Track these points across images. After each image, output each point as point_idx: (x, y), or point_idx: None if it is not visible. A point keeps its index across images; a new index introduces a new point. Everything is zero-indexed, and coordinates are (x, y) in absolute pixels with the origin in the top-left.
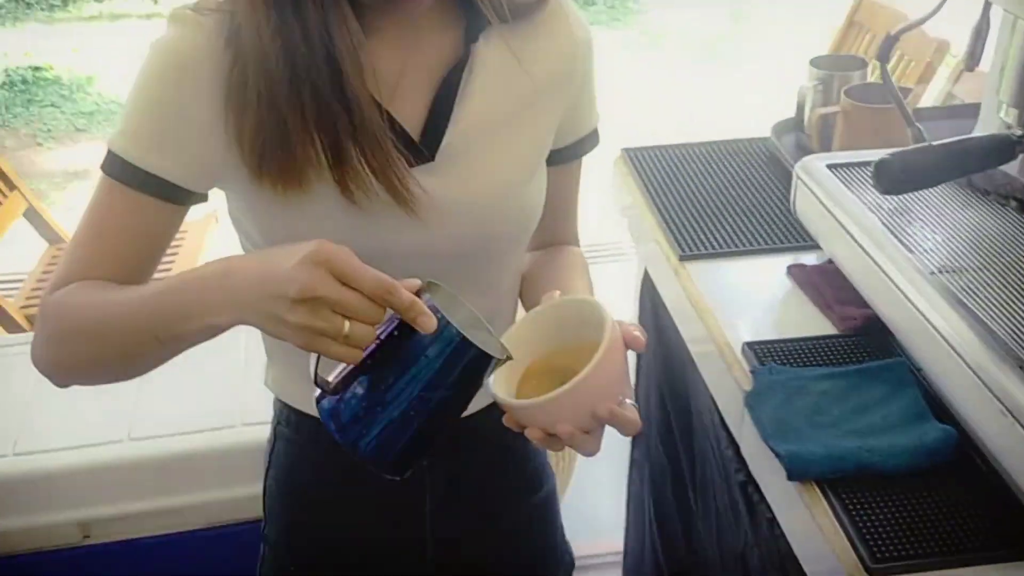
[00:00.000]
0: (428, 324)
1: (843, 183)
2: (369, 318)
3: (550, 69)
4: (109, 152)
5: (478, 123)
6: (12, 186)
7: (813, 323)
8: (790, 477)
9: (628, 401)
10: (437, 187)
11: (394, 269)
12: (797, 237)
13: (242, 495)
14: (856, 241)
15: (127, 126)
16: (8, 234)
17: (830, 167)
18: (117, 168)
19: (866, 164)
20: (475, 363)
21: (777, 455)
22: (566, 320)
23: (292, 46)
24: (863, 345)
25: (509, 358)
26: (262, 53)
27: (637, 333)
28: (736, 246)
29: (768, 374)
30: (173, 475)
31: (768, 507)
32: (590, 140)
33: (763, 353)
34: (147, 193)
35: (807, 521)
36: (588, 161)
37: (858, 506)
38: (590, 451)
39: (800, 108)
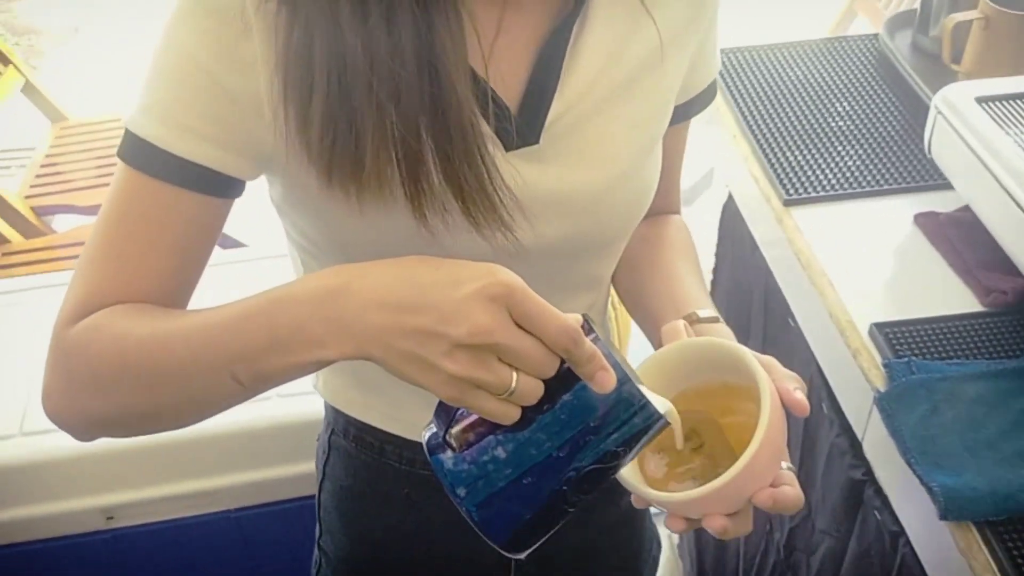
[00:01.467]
0: (608, 382)
1: (997, 122)
2: (543, 371)
3: (679, 14)
4: (129, 134)
5: (592, 91)
6: (6, 60)
7: (953, 294)
8: (944, 517)
9: (785, 466)
10: (540, 176)
11: None
12: (924, 172)
13: (271, 476)
14: (1013, 198)
15: (151, 99)
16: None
17: (980, 101)
18: (142, 155)
19: None
20: (645, 430)
21: (928, 489)
22: (696, 361)
23: (371, 22)
24: (1019, 328)
25: (667, 423)
26: (330, 20)
27: (800, 395)
28: (850, 186)
29: (908, 372)
30: (199, 456)
31: (892, 516)
32: (708, 94)
33: (895, 338)
34: (184, 186)
35: (961, 568)
36: None
37: None
38: (744, 533)
39: (925, 5)
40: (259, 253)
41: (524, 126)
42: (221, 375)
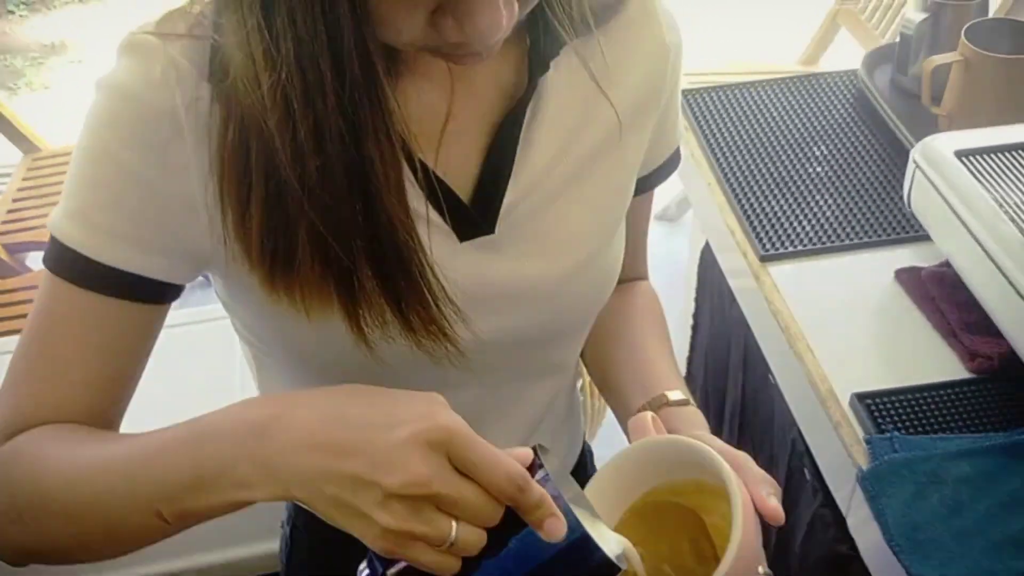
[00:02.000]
0: (557, 531)
1: (976, 176)
2: (485, 520)
3: (637, 90)
4: (54, 241)
5: (548, 177)
6: None
7: (937, 359)
8: None
9: (762, 572)
10: (496, 267)
11: (430, 373)
12: (904, 222)
13: (237, 556)
14: (991, 257)
15: (74, 204)
16: None
17: (959, 155)
18: (66, 263)
19: (1009, 148)
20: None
21: None
22: (666, 459)
23: (296, 107)
24: (1005, 397)
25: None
26: (262, 128)
27: (774, 502)
28: (828, 239)
29: (890, 449)
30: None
31: None
32: (671, 162)
33: (877, 409)
34: (113, 295)
35: None
36: None
37: None
38: None
39: (904, 44)
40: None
41: (478, 215)
42: (143, 512)
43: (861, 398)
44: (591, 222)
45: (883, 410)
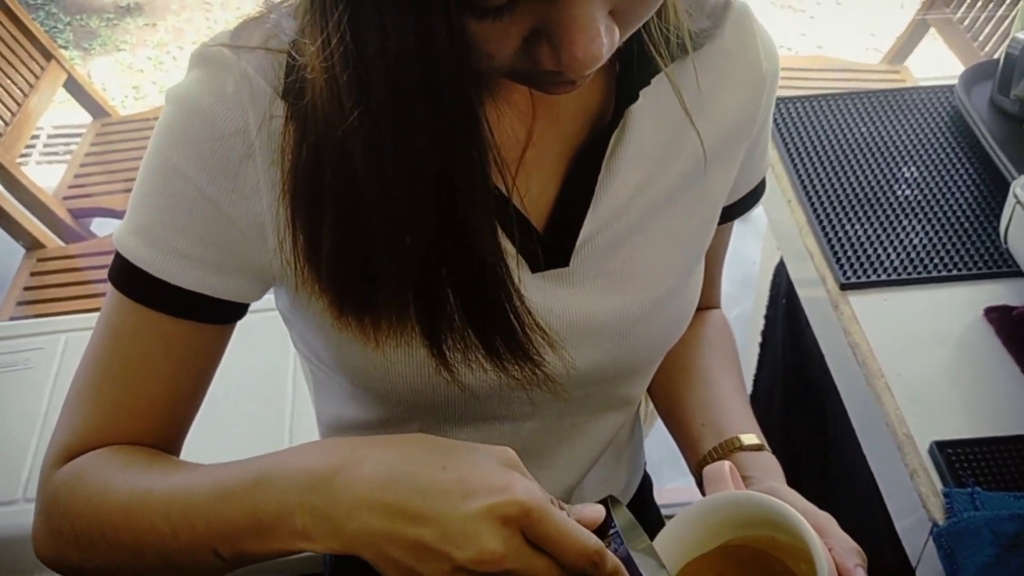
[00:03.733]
0: None
1: None
2: None
3: (730, 120)
4: (119, 258)
5: (629, 209)
6: (49, 55)
7: None
8: None
9: None
10: (568, 301)
11: (498, 401)
12: (997, 256)
13: None
14: None
15: (142, 220)
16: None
17: None
18: (134, 282)
19: None
20: None
21: None
22: (745, 515)
23: (385, 136)
24: None
25: None
26: (340, 145)
27: (861, 574)
28: (915, 269)
29: (970, 505)
30: None
31: None
32: (757, 192)
33: (958, 460)
34: (180, 315)
35: None
36: None
37: None
38: None
39: (1008, 63)
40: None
41: (552, 247)
42: (201, 549)
43: (942, 447)
44: (670, 258)
45: (965, 461)
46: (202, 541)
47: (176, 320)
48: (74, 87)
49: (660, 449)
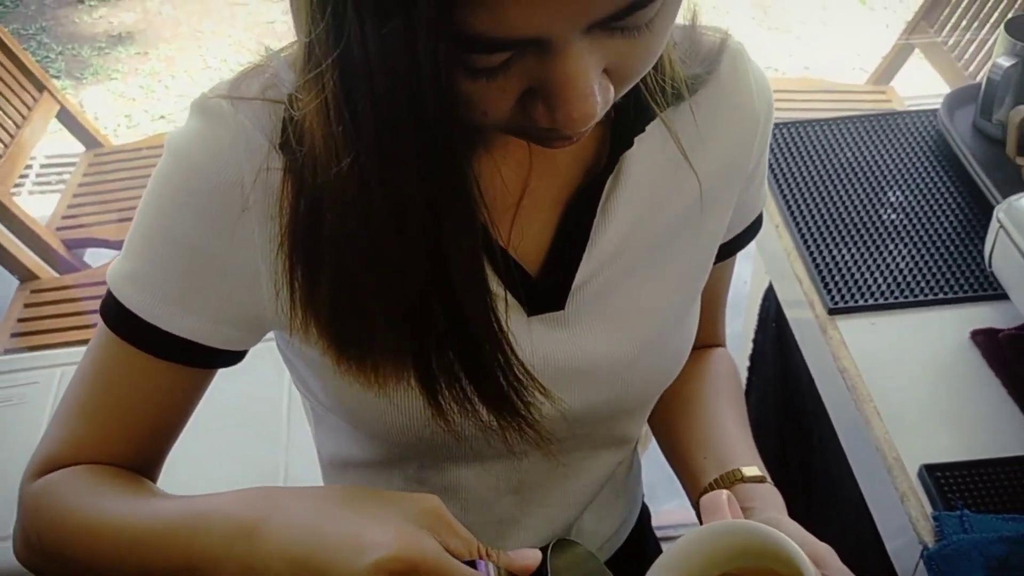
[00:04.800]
0: None
1: None
2: None
3: (725, 160)
4: (111, 296)
5: (623, 253)
6: (41, 87)
7: (1014, 430)
8: None
9: None
10: (563, 344)
11: (494, 442)
12: (983, 279)
13: None
14: None
15: (136, 265)
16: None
17: None
18: (125, 324)
19: None
20: None
21: None
22: (741, 544)
23: (374, 190)
24: None
25: None
26: (339, 187)
27: None
28: (901, 293)
29: (959, 528)
30: None
31: None
32: (754, 227)
33: (947, 483)
34: (169, 359)
35: None
36: None
37: None
38: None
39: (989, 88)
40: None
41: (547, 291)
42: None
43: (931, 470)
44: (666, 298)
45: (954, 485)
46: (159, 564)
47: (165, 363)
48: (67, 117)
49: (655, 470)
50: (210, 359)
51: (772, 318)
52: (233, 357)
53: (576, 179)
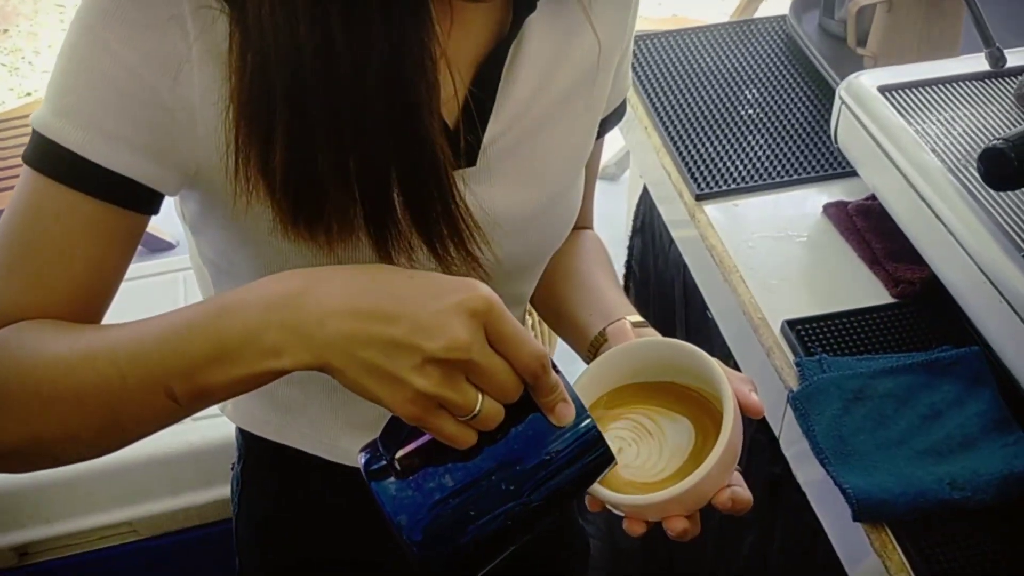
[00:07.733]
0: (567, 415)
1: (898, 111)
2: (508, 396)
3: (607, 32)
4: (39, 137)
5: (528, 113)
6: None
7: (862, 286)
8: (857, 519)
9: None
10: (475, 199)
11: None
12: (833, 160)
13: (187, 504)
14: (913, 187)
15: (67, 101)
16: None
17: (883, 90)
18: (58, 163)
19: (929, 83)
20: (598, 469)
21: (842, 490)
22: (648, 360)
23: (337, 34)
24: (926, 318)
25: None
26: (294, 36)
27: (755, 398)
28: (760, 177)
29: (819, 370)
30: (112, 487)
31: (811, 514)
32: (622, 109)
33: (807, 334)
34: (106, 199)
35: (877, 567)
36: None
37: (941, 554)
38: (696, 534)
39: None
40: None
41: (463, 148)
42: (153, 393)
43: (792, 324)
44: (564, 158)
45: (812, 335)
46: (155, 380)
47: (99, 203)
48: None
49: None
50: (144, 201)
51: (646, 225)
52: (160, 201)
53: (486, 44)
